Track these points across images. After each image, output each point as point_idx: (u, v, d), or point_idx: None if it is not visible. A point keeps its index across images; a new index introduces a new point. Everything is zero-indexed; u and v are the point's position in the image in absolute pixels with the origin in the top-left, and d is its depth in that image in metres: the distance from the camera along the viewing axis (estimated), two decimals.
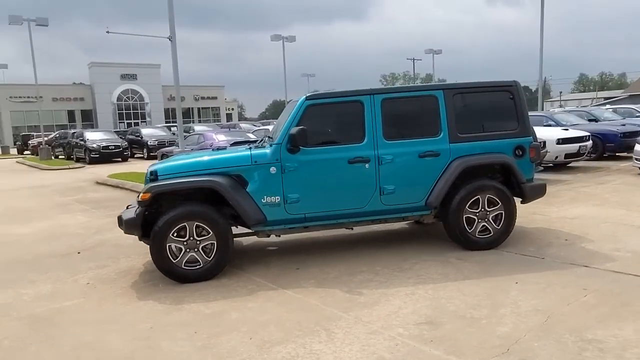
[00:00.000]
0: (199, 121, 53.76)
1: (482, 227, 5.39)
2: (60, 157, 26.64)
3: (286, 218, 5.14)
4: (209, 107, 58.83)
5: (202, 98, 57.68)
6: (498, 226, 5.42)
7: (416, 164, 5.27)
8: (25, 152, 35.33)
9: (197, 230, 4.89)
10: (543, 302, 3.92)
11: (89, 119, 53.34)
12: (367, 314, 3.91)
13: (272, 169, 5.06)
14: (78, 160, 23.61)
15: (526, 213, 7.09)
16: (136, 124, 47.95)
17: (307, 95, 5.30)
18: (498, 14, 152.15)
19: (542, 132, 11.38)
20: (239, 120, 51.30)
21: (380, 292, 4.36)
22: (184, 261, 4.88)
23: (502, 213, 5.40)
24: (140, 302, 4.51)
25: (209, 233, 4.89)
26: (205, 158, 5.29)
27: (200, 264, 4.91)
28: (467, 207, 5.32)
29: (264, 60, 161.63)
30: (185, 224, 4.84)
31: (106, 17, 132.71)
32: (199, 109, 58.00)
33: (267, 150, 5.12)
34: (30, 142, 33.50)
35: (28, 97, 46.74)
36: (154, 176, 5.08)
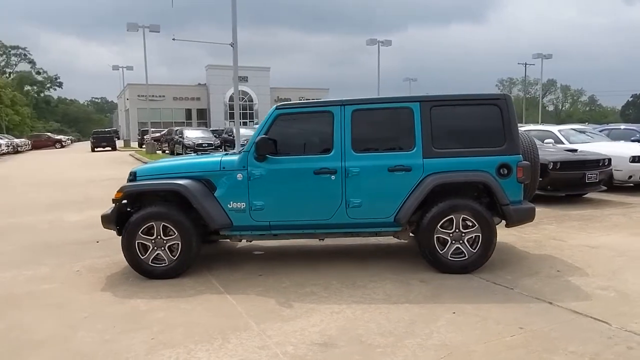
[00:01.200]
0: None
1: (455, 249, 5.04)
2: (165, 151, 28.96)
3: (251, 224, 5.21)
4: None
5: (308, 100, 59.14)
6: (474, 249, 5.02)
7: (385, 178, 5.05)
8: (143, 146, 38.81)
9: (165, 230, 5.12)
10: (459, 337, 3.59)
11: (203, 117, 57.32)
12: (277, 327, 3.85)
13: (239, 176, 5.16)
14: (178, 155, 25.52)
15: (543, 238, 6.50)
16: (244, 124, 50.53)
17: (277, 104, 5.32)
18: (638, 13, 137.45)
19: (612, 148, 10.27)
20: None
21: (311, 307, 4.27)
22: (151, 258, 5.13)
23: (478, 236, 4.99)
24: (100, 292, 4.83)
25: (174, 234, 5.12)
26: (181, 162, 5.53)
27: (165, 262, 5.15)
28: (439, 227, 4.99)
29: (375, 63, 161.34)
30: (153, 223, 5.10)
31: (230, 23, 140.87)
32: None
33: (236, 158, 5.23)
34: (145, 137, 36.75)
35: (152, 96, 51.24)
36: (132, 177, 5.42)
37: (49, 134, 53.14)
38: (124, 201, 5.32)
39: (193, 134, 25.48)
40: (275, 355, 3.40)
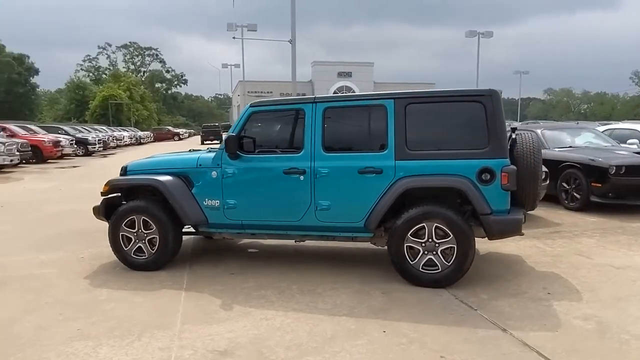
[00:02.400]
0: None
1: (428, 260, 4.57)
2: None
3: (225, 223, 5.16)
4: None
5: None
6: (448, 262, 4.52)
7: (355, 180, 4.72)
8: None
9: (145, 224, 5.26)
10: (364, 359, 3.24)
11: None
12: (197, 329, 3.77)
13: (214, 173, 5.13)
14: None
15: (567, 252, 5.72)
16: None
17: (252, 102, 5.20)
18: None
19: None
20: None
21: (249, 311, 4.12)
22: (133, 250, 5.30)
23: (453, 247, 4.48)
24: (81, 280, 5.07)
25: (154, 228, 5.23)
26: (166, 158, 5.64)
27: (145, 255, 5.29)
28: (409, 235, 4.56)
29: (492, 56, 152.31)
30: (134, 217, 5.26)
31: (346, 20, 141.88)
32: None
33: (212, 155, 5.21)
34: None
35: (261, 91, 53.29)
36: (123, 171, 5.64)
37: (169, 127, 57.69)
38: (117, 194, 5.55)
39: None
40: (167, 358, 3.33)
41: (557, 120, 59.97)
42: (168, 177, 5.23)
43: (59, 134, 25.61)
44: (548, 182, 7.61)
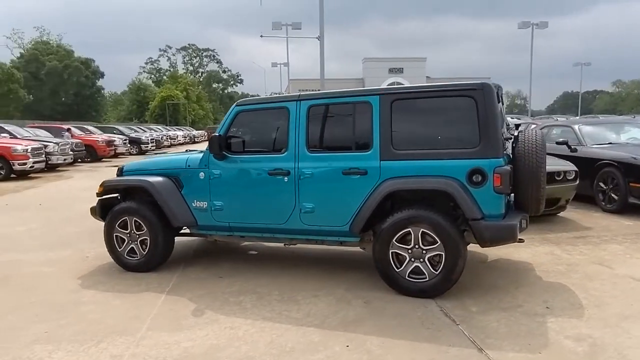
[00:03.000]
0: None
1: (414, 268, 4.23)
2: None
3: (213, 225, 5.03)
4: None
5: None
6: (436, 271, 4.16)
7: (339, 181, 4.45)
8: None
9: (137, 225, 5.21)
10: None
11: None
12: (158, 336, 3.64)
13: (201, 174, 5.01)
14: None
15: (585, 261, 5.20)
16: None
17: (238, 101, 5.02)
18: None
19: None
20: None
21: (218, 318, 3.95)
22: (127, 251, 5.27)
23: (441, 255, 4.12)
24: (74, 280, 5.08)
25: (145, 229, 5.18)
26: (159, 159, 5.57)
27: (137, 256, 5.24)
28: (394, 241, 4.24)
29: (554, 48, 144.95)
30: (126, 218, 5.22)
31: (398, 15, 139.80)
32: None
33: (200, 155, 5.08)
34: None
35: (311, 90, 53.31)
36: (119, 172, 5.62)
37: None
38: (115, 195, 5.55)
39: None
40: None
41: (625, 114, 56.40)
42: (158, 178, 5.15)
43: (114, 134, 26.65)
44: (578, 182, 6.99)
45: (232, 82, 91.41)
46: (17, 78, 49.94)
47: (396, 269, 4.27)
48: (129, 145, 25.92)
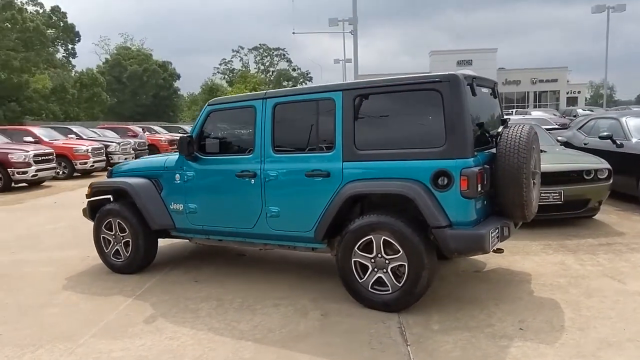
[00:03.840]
0: (536, 106, 49.65)
1: (378, 279, 3.85)
2: None
3: (189, 227, 4.90)
4: (547, 91, 53.48)
5: (541, 81, 52.81)
6: (399, 283, 3.76)
7: (302, 184, 4.16)
8: None
9: (120, 226, 5.18)
10: None
11: None
12: (98, 344, 3.54)
13: (177, 176, 4.89)
14: None
15: (595, 274, 4.57)
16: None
17: (210, 100, 4.83)
18: None
19: None
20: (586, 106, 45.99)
21: (165, 327, 3.79)
22: (112, 253, 5.27)
23: (404, 265, 3.71)
24: (60, 280, 5.11)
25: (127, 231, 5.14)
26: (144, 160, 5.51)
27: (122, 258, 5.22)
28: (357, 249, 3.88)
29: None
30: (111, 219, 5.21)
31: (474, 5, 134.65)
32: (536, 93, 53.45)
33: (177, 157, 4.95)
34: None
35: None
36: (109, 173, 5.63)
37: None
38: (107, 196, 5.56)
39: None
40: None
41: None
42: (138, 180, 5.09)
43: (179, 133, 27.64)
44: (611, 181, 6.19)
45: (301, 80, 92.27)
46: (101, 82, 53.13)
47: (359, 279, 3.91)
48: None
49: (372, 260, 3.84)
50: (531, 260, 4.96)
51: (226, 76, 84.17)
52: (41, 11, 48.17)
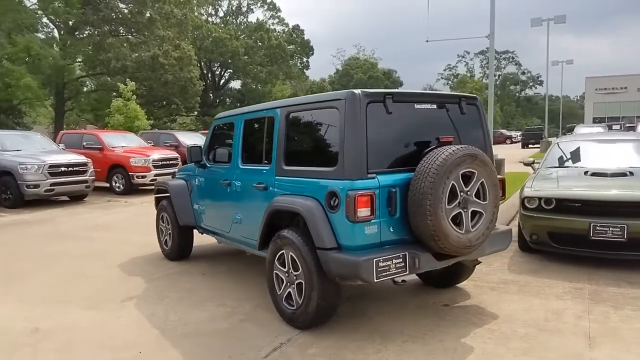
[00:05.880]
0: None
1: (288, 294, 3.85)
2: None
3: (202, 226, 5.50)
4: None
5: None
6: (300, 300, 3.69)
7: (252, 195, 4.38)
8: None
9: (167, 219, 5.99)
10: None
11: None
12: (68, 309, 4.40)
13: (196, 180, 5.54)
14: None
15: (577, 332, 3.66)
16: None
17: (217, 115, 5.32)
18: None
19: None
20: None
21: (131, 306, 4.45)
22: (164, 241, 6.16)
23: (302, 283, 3.64)
24: (118, 258, 6.28)
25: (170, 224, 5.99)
26: (189, 164, 6.25)
27: (167, 247, 6.10)
28: (276, 262, 3.94)
29: None
30: (163, 213, 6.09)
31: None
32: None
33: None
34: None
35: (612, 88, 45.52)
36: (173, 175, 6.58)
37: (502, 130, 55.31)
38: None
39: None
40: None
41: None
42: (177, 181, 5.91)
43: None
44: None
45: (530, 84, 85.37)
46: (328, 91, 58.22)
47: (277, 291, 3.96)
48: None
49: (287, 274, 3.85)
50: (522, 303, 4.19)
51: (449, 82, 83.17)
52: (285, 30, 54.76)
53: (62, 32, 30.86)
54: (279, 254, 3.87)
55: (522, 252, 5.82)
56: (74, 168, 11.43)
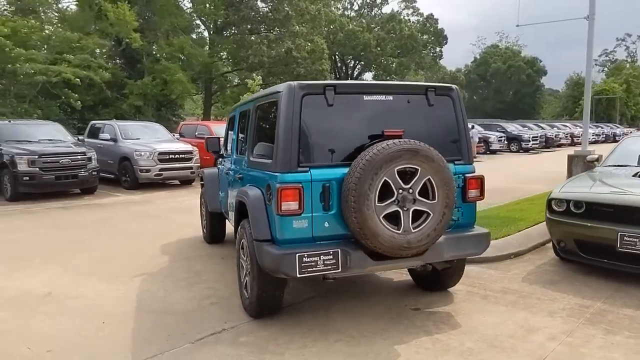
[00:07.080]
0: None
1: (246, 282, 3.90)
2: None
3: (223, 212, 5.77)
4: None
5: None
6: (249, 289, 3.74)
7: (236, 184, 4.50)
8: None
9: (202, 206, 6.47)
10: None
11: None
12: (81, 280, 4.95)
13: (221, 169, 5.82)
14: None
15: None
16: None
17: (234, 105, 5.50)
18: None
19: None
20: None
21: (136, 281, 4.87)
22: (202, 225, 6.63)
23: (250, 273, 3.68)
24: (165, 237, 6.83)
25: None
26: None
27: (204, 231, 6.51)
28: (240, 249, 4.03)
29: None
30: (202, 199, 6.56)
31: None
32: None
33: None
34: None
35: None
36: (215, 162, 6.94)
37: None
38: None
39: None
40: None
41: None
42: (211, 170, 6.24)
43: (497, 130, 26.93)
44: None
45: None
46: (461, 81, 55.50)
47: (240, 279, 4.05)
48: (505, 142, 25.80)
49: (246, 263, 3.92)
50: (507, 316, 3.70)
51: (605, 68, 74.19)
52: (420, 20, 53.42)
53: (211, 32, 33.71)
54: (241, 242, 3.95)
55: (557, 259, 5.11)
56: (181, 155, 12.43)
